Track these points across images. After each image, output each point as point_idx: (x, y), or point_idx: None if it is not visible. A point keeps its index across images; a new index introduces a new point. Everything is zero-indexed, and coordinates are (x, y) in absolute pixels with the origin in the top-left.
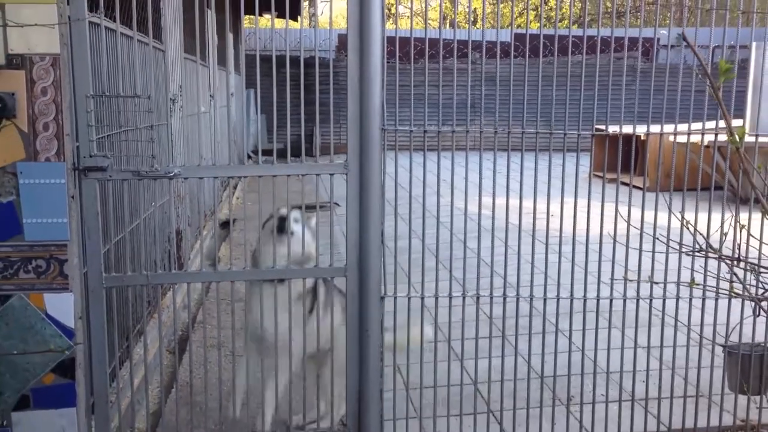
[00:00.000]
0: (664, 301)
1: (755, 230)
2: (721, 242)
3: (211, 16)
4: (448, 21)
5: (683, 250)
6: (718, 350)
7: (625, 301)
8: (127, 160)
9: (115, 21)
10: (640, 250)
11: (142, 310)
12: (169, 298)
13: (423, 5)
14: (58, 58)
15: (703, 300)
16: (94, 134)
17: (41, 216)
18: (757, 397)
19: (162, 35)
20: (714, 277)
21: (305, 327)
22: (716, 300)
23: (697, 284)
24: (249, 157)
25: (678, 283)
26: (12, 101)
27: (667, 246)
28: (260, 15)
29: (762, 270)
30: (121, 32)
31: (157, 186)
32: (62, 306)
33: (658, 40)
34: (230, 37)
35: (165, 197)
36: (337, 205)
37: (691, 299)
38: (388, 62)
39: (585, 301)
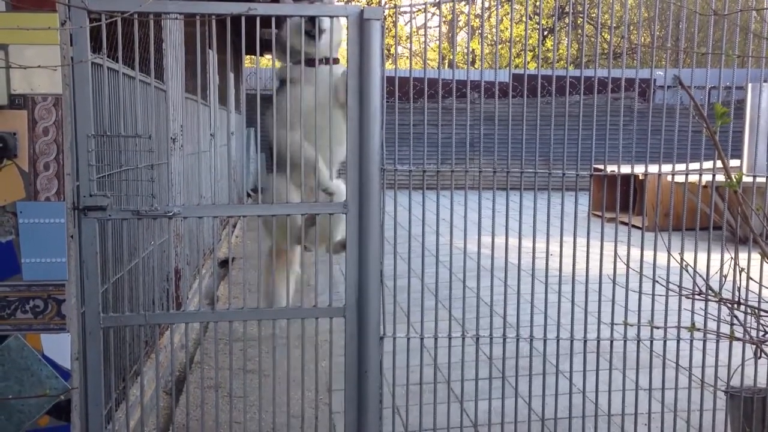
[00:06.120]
0: (664, 342)
1: (755, 270)
2: (721, 285)
3: (212, 56)
4: (447, 61)
5: (683, 293)
6: (720, 393)
7: (625, 342)
8: (127, 199)
9: (117, 61)
10: (640, 293)
11: (139, 350)
12: (167, 337)
13: (422, 46)
14: (60, 98)
15: (704, 342)
16: (94, 174)
17: (40, 255)
18: None
19: (164, 75)
20: (714, 320)
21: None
22: (717, 342)
23: (697, 329)
24: (249, 195)
25: (678, 327)
26: (13, 141)
27: (667, 289)
28: (261, 55)
29: (762, 313)
30: (123, 72)
31: (157, 225)
32: (59, 347)
33: (655, 80)
34: (231, 76)
35: (164, 236)
36: None
37: (692, 341)
38: (387, 102)
39: (585, 342)
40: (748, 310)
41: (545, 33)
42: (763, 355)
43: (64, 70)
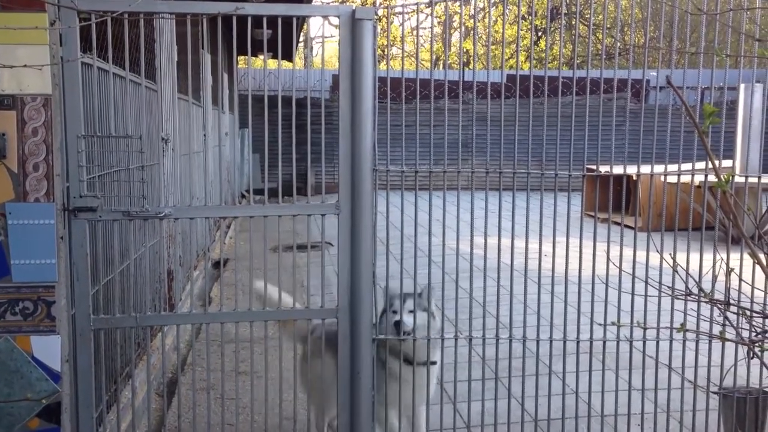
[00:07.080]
0: (657, 343)
1: (748, 269)
2: (713, 285)
3: (205, 56)
4: (441, 62)
5: (675, 294)
6: (713, 393)
7: (618, 342)
8: (117, 200)
9: (107, 61)
10: (633, 293)
11: (130, 352)
12: (158, 339)
13: (415, 46)
14: (50, 98)
15: (697, 342)
16: (84, 174)
17: (29, 257)
18: None
19: (155, 75)
20: (706, 320)
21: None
22: (710, 343)
23: (688, 330)
24: (243, 196)
25: (671, 328)
26: (2, 142)
27: (659, 290)
28: (254, 55)
29: (753, 314)
30: (114, 72)
31: (148, 226)
32: (49, 349)
33: (648, 81)
34: (224, 77)
35: (156, 237)
36: (330, 244)
37: (684, 341)
38: (380, 102)
39: (578, 342)
40: (740, 311)
41: (539, 34)
42: (755, 355)
43: (53, 70)
